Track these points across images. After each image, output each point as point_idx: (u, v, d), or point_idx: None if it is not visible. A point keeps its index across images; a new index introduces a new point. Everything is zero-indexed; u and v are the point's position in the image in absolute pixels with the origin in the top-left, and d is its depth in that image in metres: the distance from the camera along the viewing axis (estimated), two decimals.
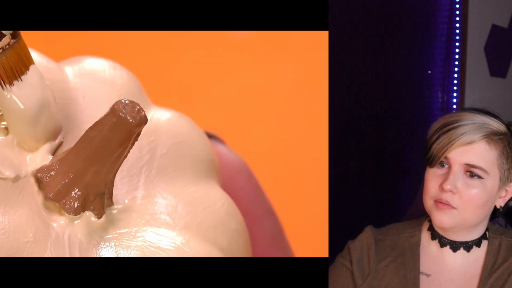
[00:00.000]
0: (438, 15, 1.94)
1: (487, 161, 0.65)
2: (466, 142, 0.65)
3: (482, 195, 0.65)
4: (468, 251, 0.67)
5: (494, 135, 0.65)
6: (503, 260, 0.66)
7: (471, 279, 0.67)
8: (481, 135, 0.65)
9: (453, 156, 0.65)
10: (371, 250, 0.69)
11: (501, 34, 2.09)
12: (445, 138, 0.65)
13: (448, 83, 1.95)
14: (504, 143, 0.66)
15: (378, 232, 0.71)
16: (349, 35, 1.63)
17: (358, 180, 1.72)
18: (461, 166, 0.65)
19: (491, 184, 0.65)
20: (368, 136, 1.75)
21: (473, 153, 0.65)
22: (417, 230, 0.70)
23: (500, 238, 0.68)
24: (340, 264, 0.70)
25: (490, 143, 0.65)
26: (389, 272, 0.68)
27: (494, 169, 0.65)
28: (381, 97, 1.76)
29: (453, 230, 0.67)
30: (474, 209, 0.65)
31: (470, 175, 0.65)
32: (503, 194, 0.68)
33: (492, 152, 0.65)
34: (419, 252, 0.68)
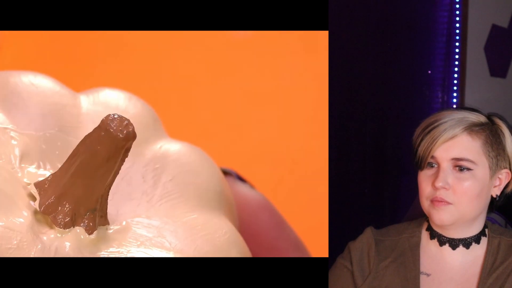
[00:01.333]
0: (438, 15, 1.94)
1: (473, 151, 0.66)
2: (448, 138, 0.66)
3: (475, 186, 0.66)
4: (468, 248, 0.67)
5: (475, 126, 0.67)
6: (503, 260, 0.66)
7: (470, 279, 0.67)
8: (461, 128, 0.67)
9: (439, 154, 0.66)
10: (371, 251, 0.69)
11: (501, 34, 2.09)
12: (428, 139, 0.67)
13: (448, 83, 1.95)
14: (486, 132, 0.67)
15: (378, 233, 0.71)
16: (349, 35, 1.63)
17: (358, 180, 1.72)
18: (448, 162, 0.66)
19: (482, 174, 0.66)
20: (368, 136, 1.75)
21: (457, 146, 0.66)
22: (417, 231, 0.70)
23: (500, 237, 0.68)
24: (341, 264, 0.70)
25: (472, 134, 0.67)
26: (389, 272, 0.68)
27: (481, 158, 0.66)
28: (381, 97, 1.76)
29: (453, 226, 0.67)
30: (470, 202, 0.66)
31: (460, 169, 0.66)
32: (497, 182, 0.68)
33: (475, 143, 0.67)
34: (419, 252, 0.69)
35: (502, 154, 0.68)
